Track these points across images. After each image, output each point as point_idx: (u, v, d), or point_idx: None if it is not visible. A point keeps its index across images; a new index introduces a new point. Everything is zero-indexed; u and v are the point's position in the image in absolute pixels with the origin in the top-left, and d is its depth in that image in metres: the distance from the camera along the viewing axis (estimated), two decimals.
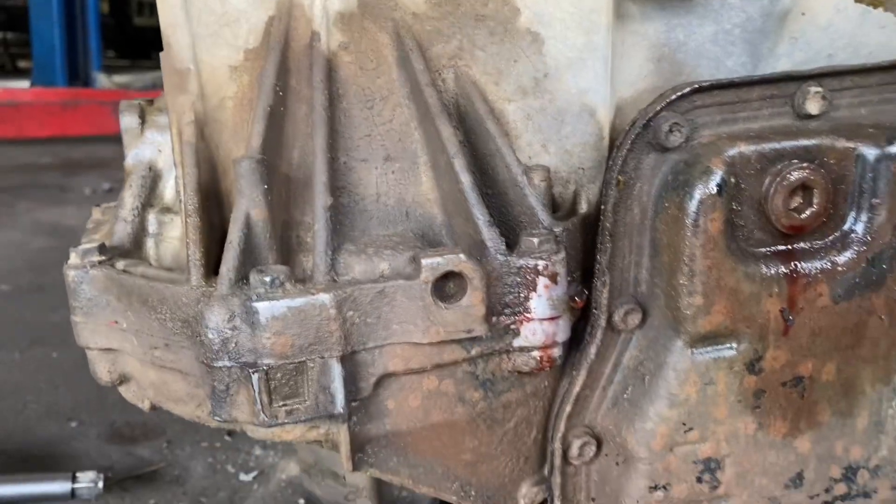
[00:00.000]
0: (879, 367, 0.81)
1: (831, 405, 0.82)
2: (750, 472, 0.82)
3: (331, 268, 0.72)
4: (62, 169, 4.85)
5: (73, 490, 1.35)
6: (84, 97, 5.55)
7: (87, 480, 1.36)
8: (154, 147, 0.90)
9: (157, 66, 0.85)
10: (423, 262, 0.69)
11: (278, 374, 0.68)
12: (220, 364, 0.68)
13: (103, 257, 0.81)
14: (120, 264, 0.81)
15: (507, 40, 0.80)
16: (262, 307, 0.67)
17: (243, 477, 1.54)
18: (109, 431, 1.73)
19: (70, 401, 1.87)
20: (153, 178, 0.90)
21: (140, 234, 0.88)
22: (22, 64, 10.48)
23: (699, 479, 0.81)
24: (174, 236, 0.87)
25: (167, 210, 0.88)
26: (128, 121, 0.90)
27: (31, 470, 1.51)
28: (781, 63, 0.84)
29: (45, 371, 2.03)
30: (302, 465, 1.05)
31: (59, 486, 1.36)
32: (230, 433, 1.71)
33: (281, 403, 0.69)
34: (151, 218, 0.88)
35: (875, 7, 0.84)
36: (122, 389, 0.87)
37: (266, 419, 0.69)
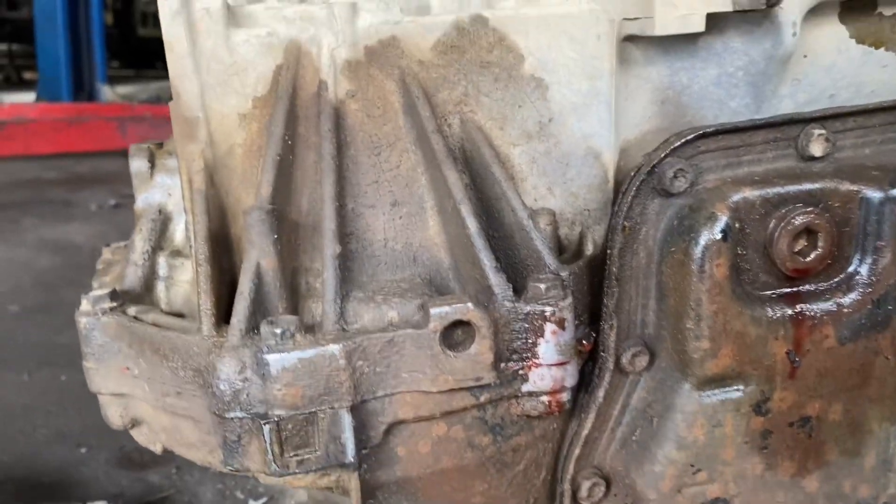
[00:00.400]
0: (886, 406, 0.82)
1: (839, 444, 0.82)
2: None
3: (340, 316, 0.73)
4: (67, 184, 4.87)
5: None
6: (90, 113, 5.58)
7: None
8: (164, 190, 0.91)
9: (162, 77, 0.86)
10: (432, 311, 0.70)
11: (289, 425, 0.69)
12: (231, 415, 0.69)
13: (114, 303, 0.82)
14: (131, 310, 0.82)
15: (512, 86, 0.81)
16: (273, 359, 0.68)
17: (252, 503, 1.55)
18: (119, 457, 1.74)
19: (79, 425, 1.87)
20: (163, 222, 0.91)
21: (151, 277, 0.89)
22: (27, 76, 10.53)
23: None
24: (185, 280, 0.88)
25: (177, 253, 0.89)
26: (137, 165, 0.91)
27: (39, 498, 1.52)
28: (784, 104, 0.85)
29: (53, 393, 2.04)
30: (311, 501, 1.06)
31: None
32: None
33: (292, 454, 0.70)
34: (162, 261, 0.89)
35: (877, 48, 0.84)
36: (135, 433, 0.87)
37: (277, 469, 0.69)
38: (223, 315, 0.76)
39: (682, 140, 0.75)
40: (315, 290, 0.78)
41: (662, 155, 0.74)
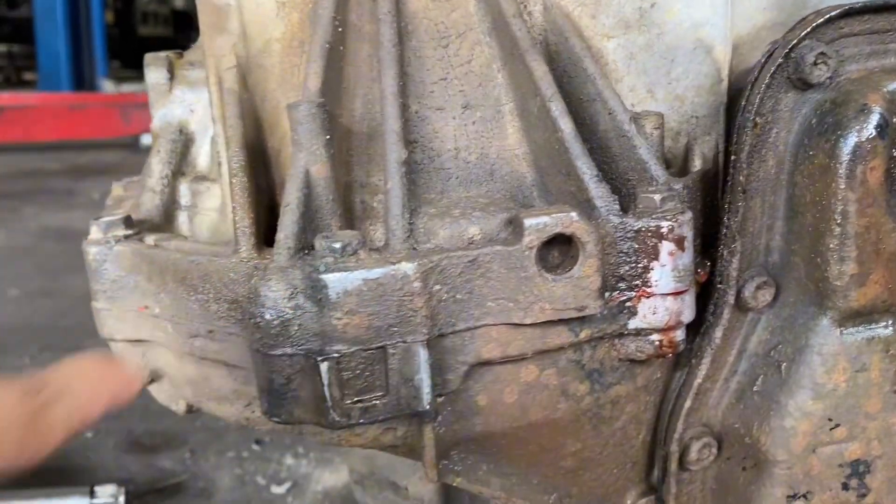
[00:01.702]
0: None
1: None
2: None
3: (409, 234, 0.59)
4: (69, 174, 4.74)
5: None
6: (91, 100, 5.44)
7: (107, 495, 1.23)
8: (185, 106, 0.77)
9: None
10: (527, 222, 0.56)
11: (352, 363, 0.55)
12: (279, 352, 0.55)
13: (130, 231, 0.69)
14: (150, 239, 0.68)
15: None
16: (333, 280, 0.54)
17: (275, 489, 1.42)
18: (128, 441, 1.60)
19: None
20: (184, 143, 0.77)
21: (171, 206, 0.75)
22: (27, 76, 10.43)
23: (845, 486, 0.68)
24: (211, 207, 0.74)
25: (202, 178, 0.75)
26: (154, 76, 0.78)
27: (45, 483, 1.38)
28: None
29: None
30: (354, 476, 0.92)
31: (76, 502, 1.23)
32: (258, 441, 1.58)
33: (355, 399, 0.56)
34: (184, 188, 0.75)
35: None
36: (154, 389, 0.74)
37: (337, 419, 0.56)
38: (262, 239, 0.62)
39: (825, 18, 0.61)
40: (373, 211, 0.65)
41: (802, 34, 0.60)
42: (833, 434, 0.66)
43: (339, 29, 0.65)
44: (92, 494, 1.23)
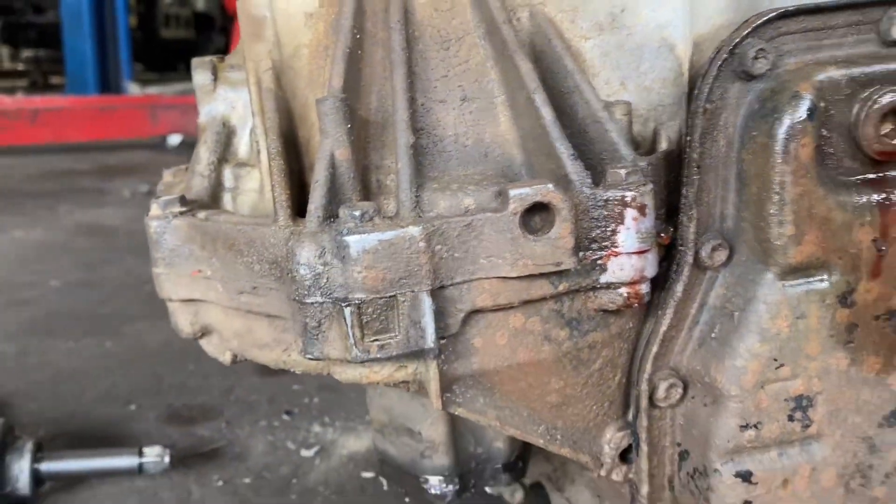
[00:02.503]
0: None
1: None
2: (843, 410, 0.80)
3: (416, 204, 0.71)
4: (100, 174, 4.92)
5: (140, 465, 1.36)
6: (119, 103, 5.63)
7: (154, 455, 1.37)
8: (227, 103, 0.91)
9: (185, 78, 0.87)
10: (511, 192, 0.69)
11: (370, 309, 0.68)
12: (312, 300, 0.68)
13: (185, 208, 0.82)
14: (201, 214, 0.82)
15: None
16: (354, 241, 0.67)
17: (304, 453, 1.55)
18: (167, 413, 1.74)
19: (126, 386, 1.89)
20: (227, 134, 0.90)
21: (217, 188, 0.88)
22: (54, 80, 10.67)
23: (791, 418, 0.79)
24: (251, 188, 0.87)
25: (243, 164, 0.89)
26: (200, 77, 0.91)
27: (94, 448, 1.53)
28: None
29: (99, 359, 2.06)
30: (375, 425, 1.05)
31: (126, 461, 1.37)
32: (288, 412, 1.72)
33: (373, 338, 0.69)
34: (227, 172, 0.89)
35: None
36: (204, 342, 0.87)
37: (359, 354, 0.68)
38: (296, 211, 0.75)
39: (764, 19, 0.73)
40: (386, 187, 0.77)
41: (744, 33, 0.72)
42: (778, 373, 0.78)
43: (358, 36, 0.78)
44: (140, 454, 1.37)
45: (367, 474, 1.43)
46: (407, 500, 1.33)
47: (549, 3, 0.80)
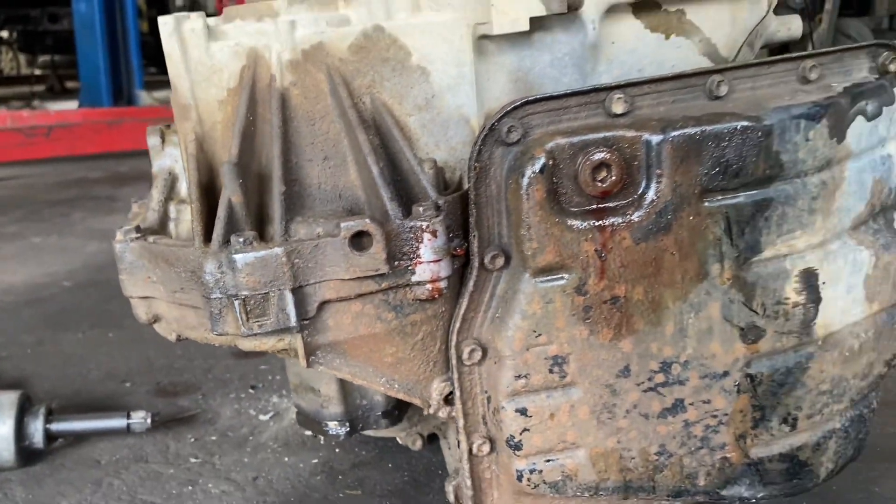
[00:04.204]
0: (677, 289, 1.15)
1: (644, 317, 1.16)
2: (588, 365, 1.17)
3: (285, 231, 1.09)
4: (111, 182, 5.34)
5: (128, 425, 1.76)
6: (128, 116, 6.06)
7: (139, 417, 1.77)
8: (172, 158, 1.29)
9: None
10: (342, 224, 1.06)
11: (252, 301, 1.06)
12: (214, 296, 1.06)
13: (138, 234, 1.20)
14: (150, 239, 1.20)
15: (405, 74, 1.16)
16: (239, 258, 1.04)
17: (262, 417, 1.93)
18: (156, 389, 2.14)
19: (124, 368, 2.28)
20: (172, 180, 1.28)
21: (164, 218, 1.26)
22: (69, 84, 11.08)
23: (550, 371, 1.16)
24: (188, 219, 1.26)
25: (182, 201, 1.27)
26: (153, 141, 1.29)
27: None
28: (603, 77, 1.19)
29: (103, 347, 2.46)
30: (292, 386, 1.43)
31: (117, 423, 1.77)
32: (253, 387, 2.10)
33: (255, 321, 1.06)
34: (172, 207, 1.27)
35: (667, 36, 1.18)
36: (156, 326, 1.25)
37: (246, 331, 1.06)
38: (209, 234, 1.13)
39: (512, 106, 1.09)
40: (269, 218, 1.15)
41: (499, 116, 1.09)
42: (538, 340, 1.14)
43: (251, 118, 1.15)
44: (128, 416, 1.76)
45: (308, 432, 1.81)
46: (322, 441, 1.72)
47: (384, 91, 1.17)
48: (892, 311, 1.33)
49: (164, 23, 1.15)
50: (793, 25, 1.36)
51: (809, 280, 1.21)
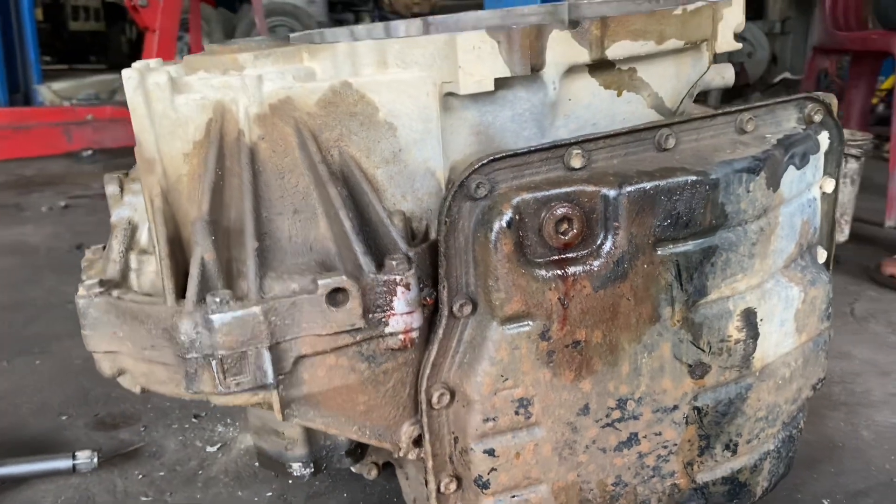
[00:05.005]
0: (632, 331, 1.23)
1: (602, 359, 1.23)
2: (551, 406, 1.23)
3: (259, 289, 1.10)
4: (17, 188, 5.09)
5: (74, 466, 1.72)
6: (34, 119, 5.77)
7: (85, 457, 1.73)
8: (131, 207, 1.27)
9: (96, 71, 1.18)
10: (320, 282, 1.08)
11: (229, 360, 1.07)
12: (190, 356, 1.06)
13: (102, 289, 1.18)
14: (115, 293, 1.18)
15: (372, 128, 1.18)
16: (216, 318, 1.05)
17: (209, 449, 1.92)
18: (95, 421, 2.08)
19: (58, 399, 2.21)
20: (132, 230, 1.27)
21: (125, 269, 1.25)
22: None
23: (517, 413, 1.22)
24: (150, 270, 1.24)
25: (143, 252, 1.25)
26: (111, 189, 1.27)
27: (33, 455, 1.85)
28: (560, 132, 1.25)
29: (32, 376, 2.37)
30: (252, 428, 1.43)
31: (62, 464, 1.72)
32: (196, 416, 2.08)
33: (232, 379, 1.07)
34: (133, 258, 1.25)
35: (619, 92, 1.25)
36: (120, 379, 1.24)
37: (223, 390, 1.07)
38: (181, 291, 1.13)
39: (480, 163, 1.14)
40: (242, 273, 1.16)
41: (468, 173, 1.13)
42: (505, 384, 1.20)
43: (219, 172, 1.16)
44: (73, 457, 1.72)
45: (258, 464, 1.81)
46: (279, 479, 1.73)
47: (352, 145, 1.19)
48: (817, 339, 1.45)
49: (129, 77, 1.14)
50: (727, 74, 1.45)
51: (749, 318, 1.30)
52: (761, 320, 1.32)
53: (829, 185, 1.43)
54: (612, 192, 1.16)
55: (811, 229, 1.41)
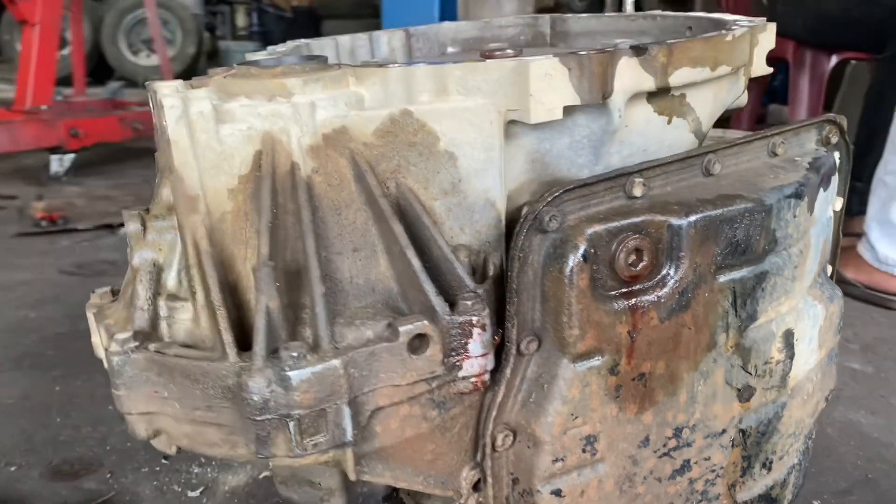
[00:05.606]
0: (691, 360, 1.22)
1: (663, 389, 1.22)
2: (615, 440, 1.20)
3: (332, 338, 1.01)
4: None
5: None
6: None
7: None
8: (156, 247, 1.13)
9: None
10: (401, 328, 1.00)
11: (306, 420, 0.97)
12: (262, 418, 0.96)
13: (137, 343, 1.05)
14: (152, 347, 1.05)
15: (432, 159, 1.11)
16: (294, 374, 0.95)
17: (191, 494, 1.77)
18: (50, 470, 1.87)
19: (1, 446, 1.98)
20: (157, 272, 1.13)
21: (155, 318, 1.11)
22: None
23: (584, 450, 1.18)
24: (183, 318, 1.11)
25: (174, 297, 1.12)
26: (133, 227, 1.13)
27: None
28: (614, 158, 1.22)
29: None
30: (279, 479, 1.32)
31: None
32: (165, 457, 1.92)
33: (309, 440, 0.98)
34: (162, 304, 1.12)
35: (670, 119, 1.23)
36: (155, 441, 1.10)
37: (300, 452, 0.97)
38: (243, 346, 1.01)
39: (554, 196, 1.09)
40: (303, 320, 1.06)
41: (542, 206, 1.08)
42: (575, 422, 1.16)
43: (274, 210, 1.05)
44: None
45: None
46: None
47: (409, 176, 1.11)
48: (831, 352, 1.50)
49: (172, 106, 1.01)
50: (743, 95, 1.47)
51: (788, 339, 1.33)
52: (797, 340, 1.35)
53: (839, 204, 1.49)
54: (678, 222, 1.15)
55: (829, 247, 1.46)
